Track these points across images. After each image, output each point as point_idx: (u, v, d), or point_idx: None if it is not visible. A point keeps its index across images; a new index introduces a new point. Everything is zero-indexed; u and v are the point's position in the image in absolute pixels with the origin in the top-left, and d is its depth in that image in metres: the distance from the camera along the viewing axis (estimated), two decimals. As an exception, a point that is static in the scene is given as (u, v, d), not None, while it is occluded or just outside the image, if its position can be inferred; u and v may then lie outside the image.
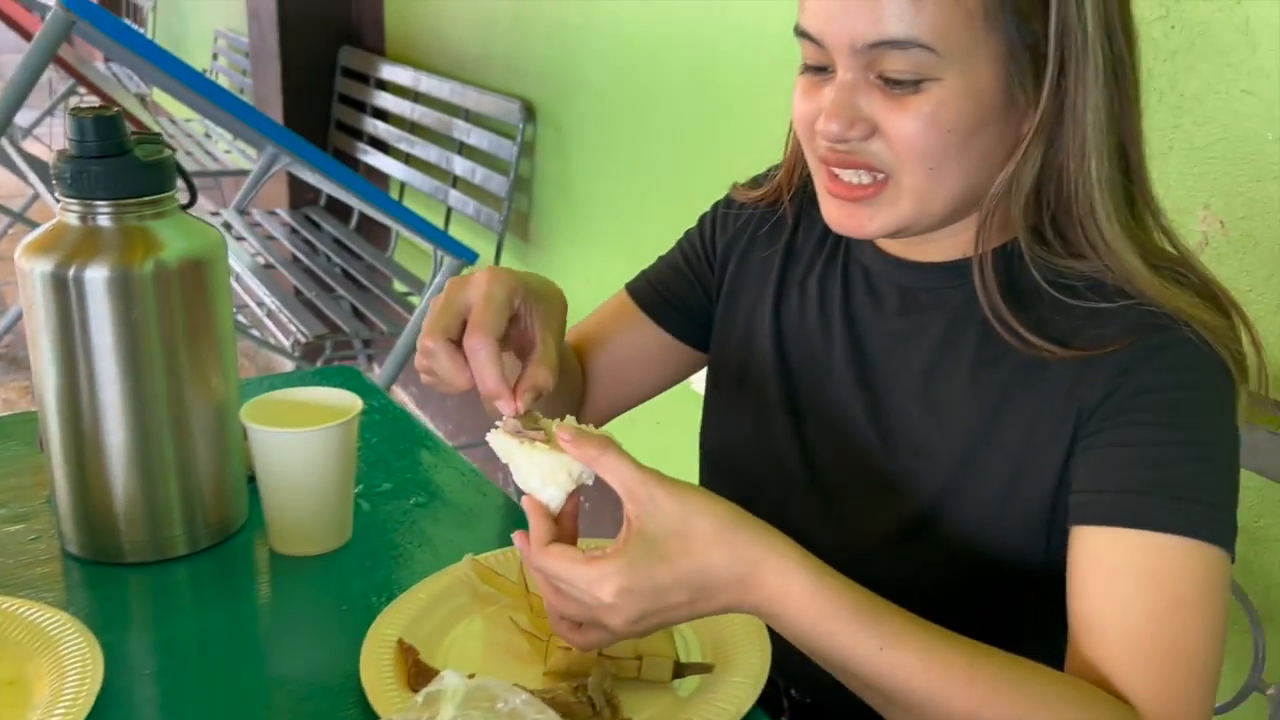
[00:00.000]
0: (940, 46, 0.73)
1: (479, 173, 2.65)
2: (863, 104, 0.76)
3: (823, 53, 0.77)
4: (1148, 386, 0.75)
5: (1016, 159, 0.77)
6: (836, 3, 0.75)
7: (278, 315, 2.54)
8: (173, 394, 0.88)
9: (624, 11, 2.17)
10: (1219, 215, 1.17)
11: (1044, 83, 0.75)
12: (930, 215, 0.79)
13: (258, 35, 3.58)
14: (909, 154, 0.76)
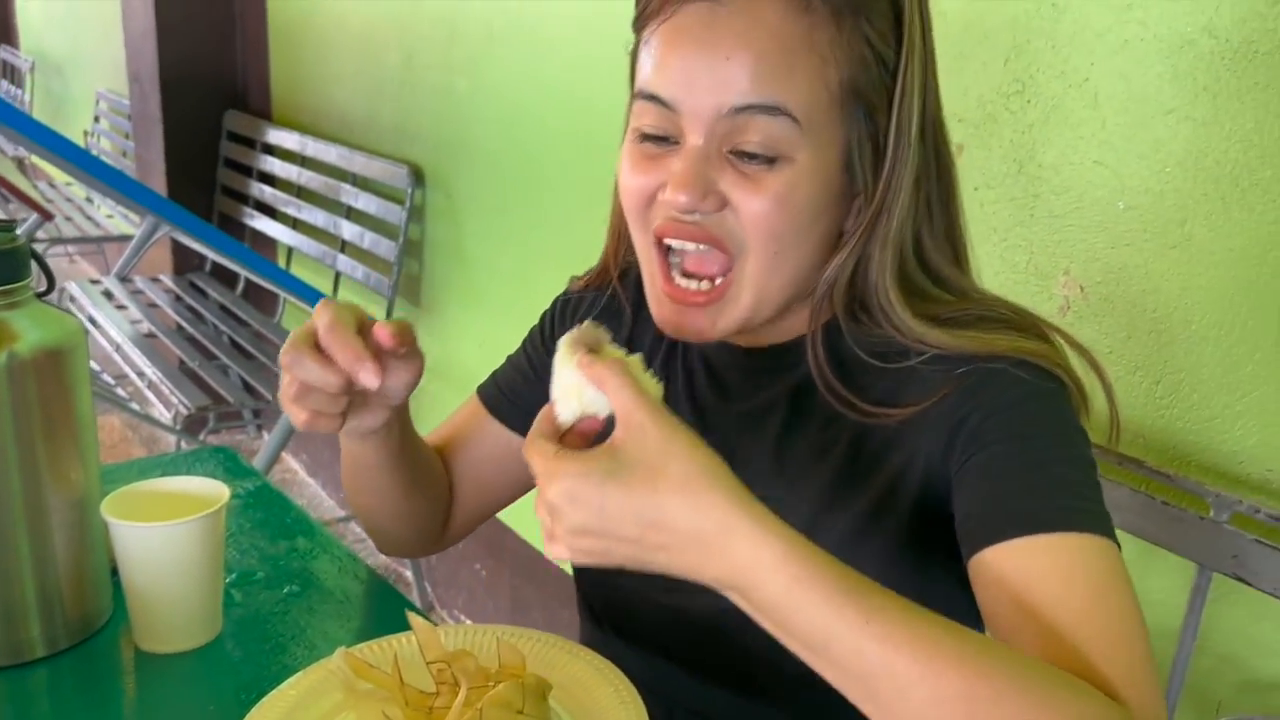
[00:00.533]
0: (804, 119, 0.73)
1: (368, 237, 2.63)
2: (715, 177, 0.74)
3: (670, 119, 0.75)
4: (986, 414, 0.75)
5: (850, 247, 0.78)
6: (701, 65, 0.73)
7: (159, 386, 2.47)
8: (28, 489, 0.85)
9: (511, 76, 2.18)
10: (1079, 280, 1.22)
11: (880, 176, 0.77)
12: (768, 305, 0.79)
13: (139, 98, 3.51)
14: (758, 233, 0.75)
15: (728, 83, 0.73)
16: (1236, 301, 1.08)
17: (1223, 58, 1.06)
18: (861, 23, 0.75)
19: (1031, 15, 1.22)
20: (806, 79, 0.73)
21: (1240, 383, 1.08)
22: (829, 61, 0.74)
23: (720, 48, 0.73)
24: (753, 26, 0.73)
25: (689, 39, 0.73)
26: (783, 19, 0.73)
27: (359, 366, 0.74)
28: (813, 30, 0.73)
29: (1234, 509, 1.04)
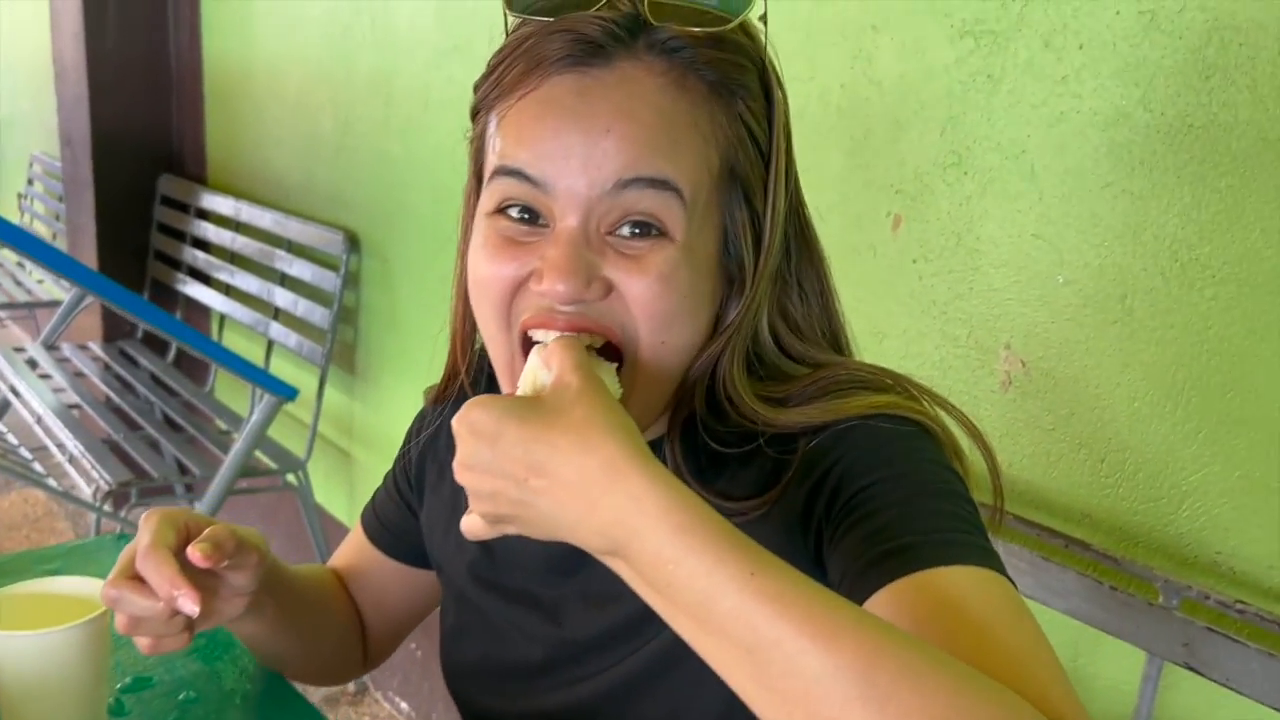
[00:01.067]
0: (689, 198, 0.69)
1: (301, 304, 2.56)
2: (596, 261, 0.68)
3: (538, 198, 0.68)
4: (843, 469, 0.69)
5: (726, 338, 0.74)
6: (577, 138, 0.66)
7: (80, 460, 2.37)
8: (-111, 596, 0.77)
9: (446, 142, 2.14)
10: (1020, 355, 1.19)
11: (757, 264, 0.73)
12: (657, 400, 0.73)
13: (70, 161, 3.43)
14: (647, 319, 0.68)
15: (608, 155, 0.67)
16: (1179, 378, 1.05)
17: (1159, 131, 1.05)
18: (736, 102, 0.71)
19: (967, 87, 1.20)
20: (689, 157, 0.69)
21: (1185, 462, 1.05)
22: (709, 140, 0.70)
23: (598, 120, 0.67)
24: (631, 99, 0.68)
25: (560, 111, 0.67)
26: (661, 95, 0.68)
27: (175, 596, 0.72)
28: (693, 107, 0.70)
29: (1183, 594, 1.00)
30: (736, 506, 0.72)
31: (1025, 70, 1.15)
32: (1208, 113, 1.01)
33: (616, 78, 0.68)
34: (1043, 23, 1.12)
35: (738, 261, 0.73)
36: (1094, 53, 1.09)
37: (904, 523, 0.65)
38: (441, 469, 0.92)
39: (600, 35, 0.68)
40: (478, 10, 1.98)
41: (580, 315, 0.68)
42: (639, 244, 0.68)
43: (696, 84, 0.70)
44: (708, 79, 0.70)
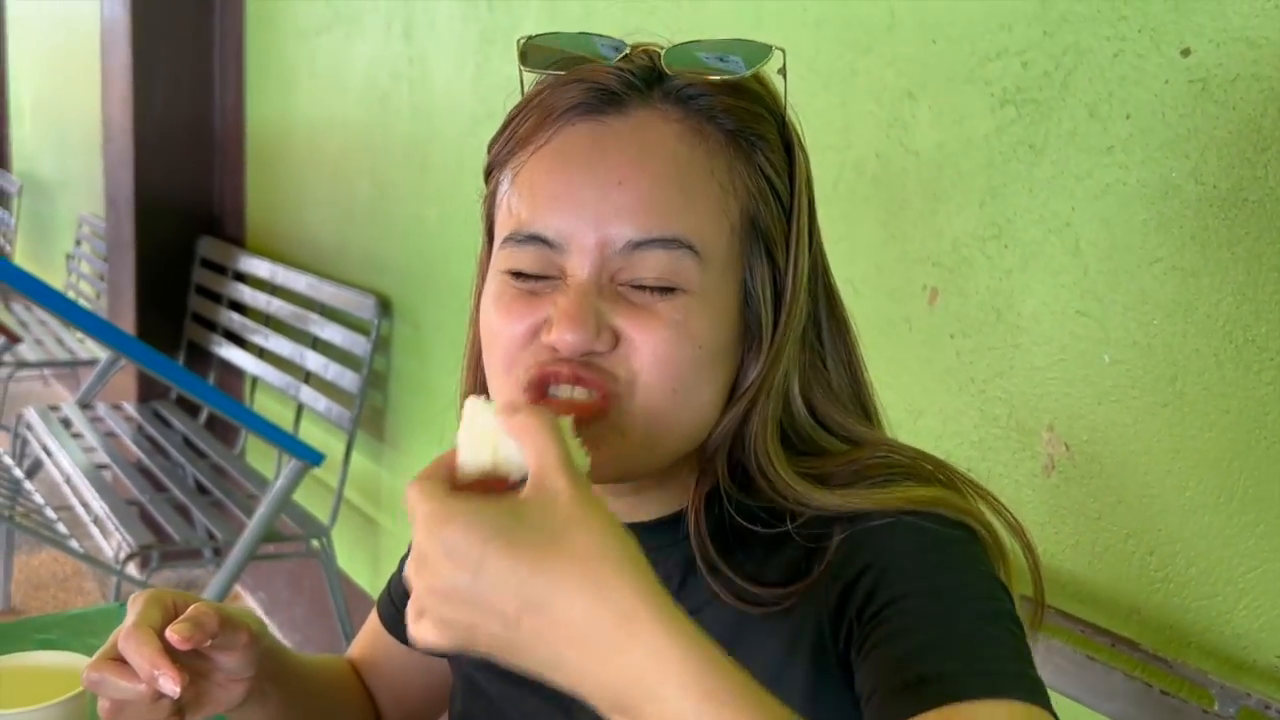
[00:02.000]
0: (703, 252, 0.66)
1: (332, 368, 2.55)
2: (607, 311, 0.65)
3: (551, 258, 0.67)
4: (880, 570, 0.64)
5: (749, 399, 0.70)
6: (589, 191, 0.65)
7: (104, 522, 2.35)
8: None
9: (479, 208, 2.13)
10: (1063, 437, 1.13)
11: (779, 322, 0.70)
12: (657, 453, 0.68)
13: (114, 222, 3.48)
14: (657, 366, 0.65)
15: (619, 211, 0.65)
16: (1235, 467, 0.99)
17: (1211, 205, 0.99)
18: (756, 153, 0.69)
19: (1008, 158, 1.16)
20: (706, 209, 0.67)
21: (1242, 557, 0.98)
22: (728, 191, 0.68)
23: (611, 171, 0.66)
24: (645, 150, 0.66)
25: (573, 163, 0.66)
26: (678, 143, 0.67)
27: (155, 676, 0.67)
28: (710, 156, 0.68)
29: (1241, 703, 0.93)
30: (765, 594, 0.67)
31: (1069, 140, 1.10)
32: (1264, 186, 0.96)
33: (631, 126, 0.67)
34: (1087, 91, 1.08)
35: (757, 318, 0.70)
36: (1142, 123, 1.04)
37: (944, 646, 0.60)
38: None
39: (616, 84, 0.67)
40: (511, 78, 1.98)
41: (586, 366, 0.65)
42: (649, 297, 0.66)
43: (714, 132, 0.68)
44: (726, 127, 0.68)
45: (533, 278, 0.67)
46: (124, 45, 3.25)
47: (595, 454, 0.61)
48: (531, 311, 0.67)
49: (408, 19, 2.33)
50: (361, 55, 2.54)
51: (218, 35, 3.29)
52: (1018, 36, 1.14)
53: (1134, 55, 1.04)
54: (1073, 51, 1.09)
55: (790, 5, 1.41)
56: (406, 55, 2.35)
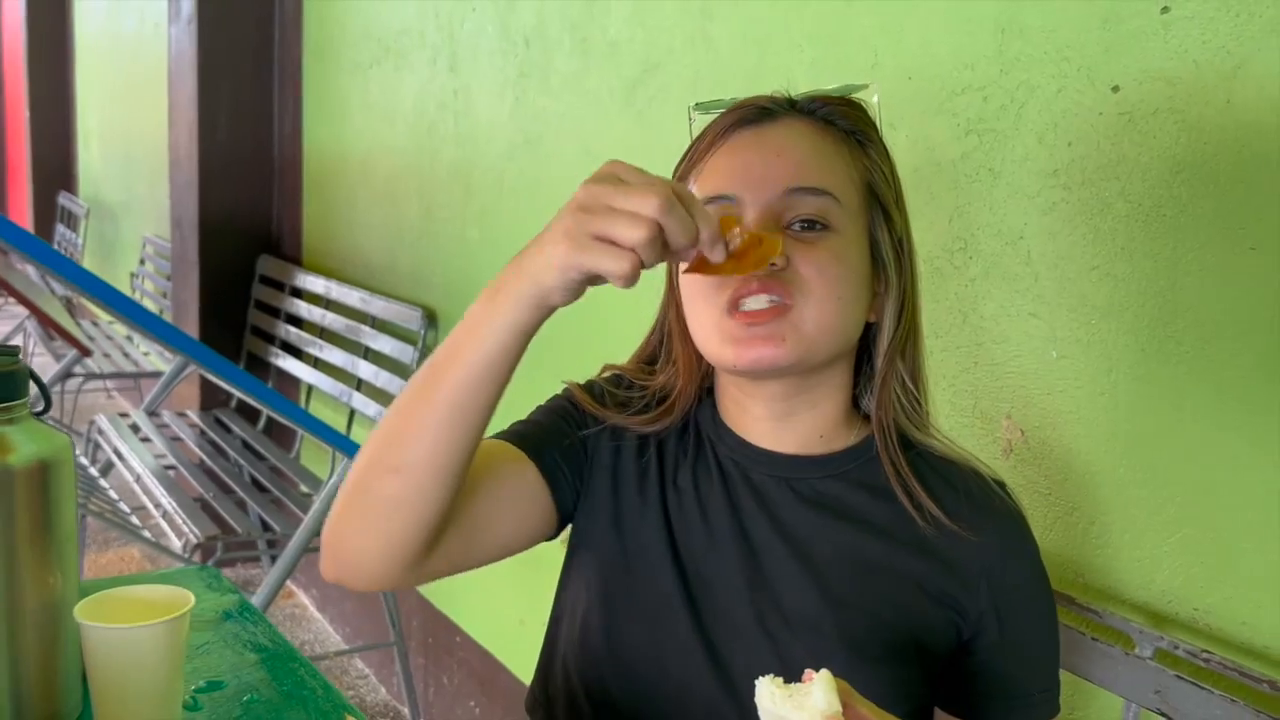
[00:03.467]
0: (841, 198, 0.90)
1: (382, 376, 2.74)
2: None
3: (733, 211, 0.89)
4: (1016, 580, 0.95)
5: (895, 342, 0.94)
6: (756, 161, 0.91)
7: (173, 517, 2.55)
8: (10, 594, 0.92)
9: (519, 227, 2.32)
10: (1019, 424, 1.28)
11: (903, 276, 0.95)
12: (820, 351, 0.90)
13: (179, 242, 3.71)
14: (821, 279, 0.88)
15: (781, 172, 0.90)
16: (1158, 446, 1.14)
17: (1137, 220, 1.15)
18: (869, 147, 0.95)
19: (972, 179, 1.32)
20: (838, 173, 0.92)
21: (1165, 524, 1.13)
22: (851, 165, 0.94)
23: (770, 149, 0.92)
24: (792, 137, 0.93)
25: (743, 148, 0.92)
26: (813, 133, 0.94)
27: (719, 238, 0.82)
28: (836, 143, 0.94)
29: (1156, 645, 1.08)
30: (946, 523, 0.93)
31: (1022, 165, 1.26)
32: (1179, 203, 1.11)
33: (780, 126, 0.94)
34: (1036, 122, 1.24)
35: (884, 264, 0.94)
36: (1081, 149, 1.20)
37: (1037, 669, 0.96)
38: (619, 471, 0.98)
39: (766, 108, 0.95)
40: (547, 108, 2.17)
41: (770, 278, 0.87)
42: (811, 234, 0.89)
43: (836, 130, 0.95)
44: (844, 127, 0.95)
45: None
46: (191, 78, 3.49)
47: (780, 345, 0.86)
48: None
49: (452, 54, 2.53)
50: (410, 87, 2.74)
51: (277, 68, 3.52)
52: (979, 74, 1.31)
53: (1074, 91, 1.20)
54: (1024, 87, 1.26)
55: (789, 47, 1.58)
56: (451, 87, 2.54)
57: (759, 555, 0.94)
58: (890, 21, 1.41)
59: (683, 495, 0.97)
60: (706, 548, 0.95)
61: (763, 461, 0.97)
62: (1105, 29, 1.16)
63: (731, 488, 0.97)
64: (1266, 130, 1.03)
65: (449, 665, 2.67)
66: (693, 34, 1.77)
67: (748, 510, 0.95)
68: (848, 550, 0.92)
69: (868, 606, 0.91)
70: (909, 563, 0.91)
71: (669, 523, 0.96)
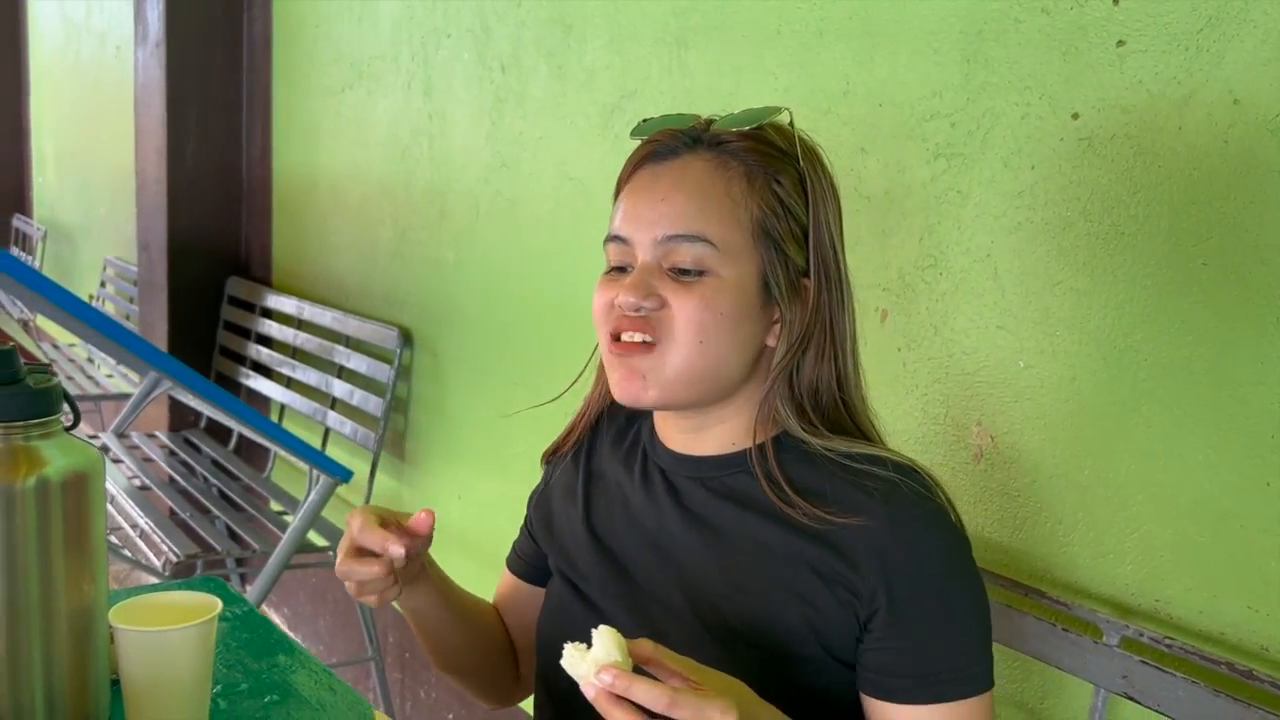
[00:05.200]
0: (719, 245, 0.96)
1: (357, 394, 2.78)
2: (656, 284, 0.97)
3: (627, 252, 0.99)
4: (908, 561, 0.94)
5: (782, 363, 0.99)
6: (644, 207, 0.98)
7: (150, 536, 2.57)
8: (45, 599, 0.96)
9: (494, 250, 2.38)
10: (989, 430, 1.36)
11: (807, 301, 0.99)
12: (692, 389, 0.98)
13: (146, 265, 3.72)
14: (687, 324, 0.96)
15: (662, 218, 0.97)
16: (1119, 450, 1.22)
17: (1097, 238, 1.23)
18: (771, 181, 0.98)
19: (941, 200, 1.40)
20: (719, 216, 0.97)
21: (1128, 522, 1.21)
22: (740, 205, 0.98)
23: (658, 193, 0.99)
24: (684, 181, 0.99)
25: (639, 190, 1.00)
26: (704, 174, 0.99)
27: (388, 548, 0.96)
28: (729, 183, 0.98)
29: (1123, 633, 1.15)
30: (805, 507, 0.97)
31: (988, 186, 1.35)
32: (1136, 222, 1.20)
33: (677, 165, 0.99)
34: (1001, 147, 1.33)
35: (776, 296, 0.99)
36: (1044, 171, 1.29)
37: (938, 650, 0.94)
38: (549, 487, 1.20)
39: (669, 141, 1.01)
40: (524, 132, 2.23)
41: (642, 319, 0.96)
42: (686, 279, 0.96)
43: (736, 165, 0.98)
44: (745, 162, 0.99)
45: (617, 268, 1.01)
46: (159, 100, 3.51)
47: (644, 386, 0.96)
48: (613, 289, 0.99)
49: (427, 79, 2.59)
50: (384, 111, 2.79)
51: (246, 91, 3.55)
52: (947, 101, 1.39)
53: (1036, 118, 1.29)
54: (990, 114, 1.34)
55: (763, 75, 1.66)
56: (426, 112, 2.60)
57: (669, 538, 1.05)
58: (861, 51, 1.49)
59: (607, 487, 1.12)
60: (623, 529, 1.09)
61: (682, 464, 1.06)
62: (1065, 60, 1.25)
63: (651, 484, 1.08)
64: (1214, 154, 1.12)
65: (426, 679, 2.70)
66: (669, 62, 1.85)
67: (664, 503, 1.06)
68: (750, 537, 1.00)
69: (764, 588, 0.98)
70: (804, 548, 0.97)
71: (588, 508, 1.12)
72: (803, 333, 0.99)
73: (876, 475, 0.97)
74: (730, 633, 0.98)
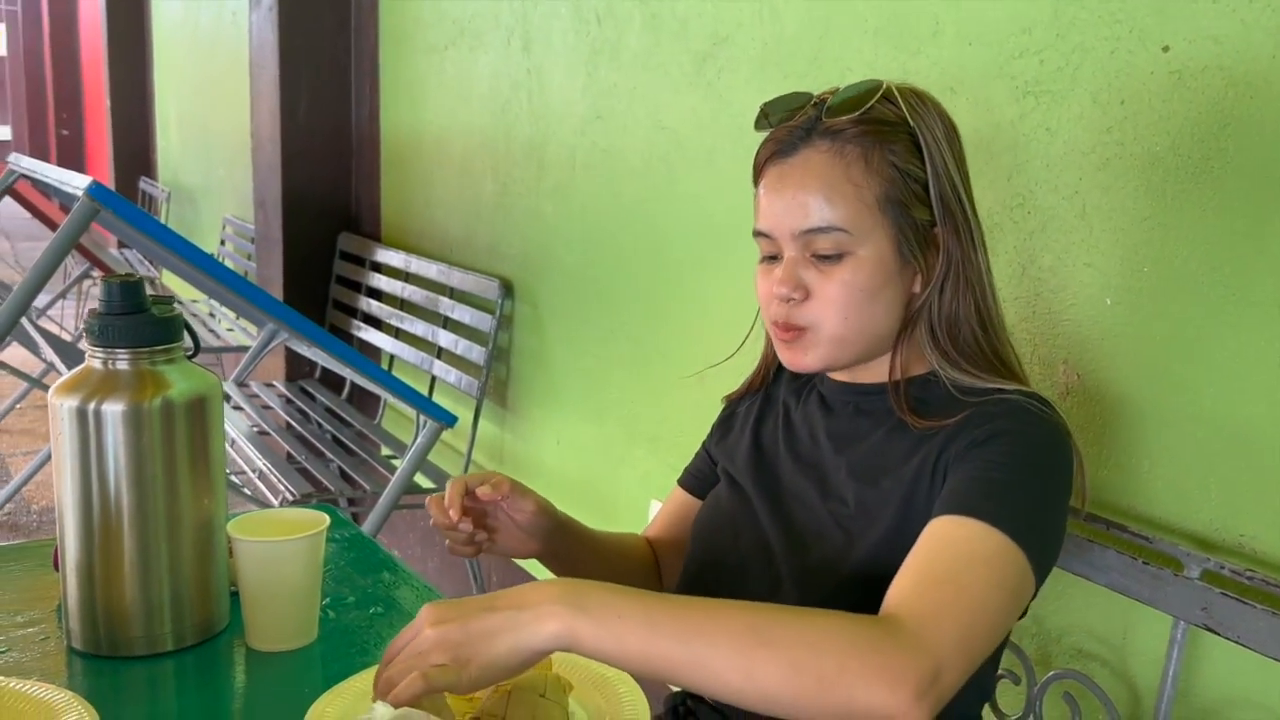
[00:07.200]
0: (851, 229, 1.05)
1: (461, 344, 2.87)
2: (802, 275, 1.07)
3: (773, 244, 1.09)
4: (992, 432, 1.02)
5: (920, 308, 1.08)
6: (780, 207, 1.08)
7: (268, 476, 2.71)
8: (170, 511, 1.05)
9: (591, 201, 2.43)
10: (1076, 369, 1.36)
11: (937, 252, 1.08)
12: (846, 352, 1.10)
13: (263, 222, 3.87)
14: (831, 305, 1.07)
15: (796, 215, 1.07)
16: (1204, 386, 1.21)
17: (1185, 172, 1.22)
18: (886, 154, 1.06)
19: (1030, 139, 1.40)
20: (845, 202, 1.06)
21: (1212, 458, 1.21)
22: (863, 186, 1.06)
23: (787, 193, 1.08)
24: (805, 174, 1.07)
25: (772, 189, 1.09)
26: (824, 165, 1.07)
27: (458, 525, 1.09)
28: (848, 169, 1.06)
29: (1204, 566, 1.16)
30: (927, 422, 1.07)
31: (1077, 123, 1.34)
32: (1225, 156, 1.18)
33: (799, 161, 1.07)
34: (1091, 82, 1.32)
35: (912, 256, 1.08)
36: (1133, 107, 1.28)
37: (985, 489, 0.97)
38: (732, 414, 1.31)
39: (788, 138, 1.09)
40: (618, 83, 2.27)
41: (787, 317, 1.09)
42: (826, 265, 1.07)
43: (853, 150, 1.06)
44: (861, 144, 1.06)
45: (770, 259, 1.11)
46: (272, 63, 3.64)
47: (806, 355, 1.09)
48: (770, 280, 1.10)
49: (526, 34, 2.64)
50: (485, 67, 2.86)
51: (354, 52, 3.66)
52: (1036, 38, 1.38)
53: (1126, 52, 1.28)
54: (1079, 50, 1.33)
55: (852, 18, 1.66)
56: (525, 66, 2.65)
57: (815, 444, 1.17)
58: (951, -9, 1.49)
59: (777, 408, 1.24)
60: (782, 437, 1.21)
61: (841, 391, 1.18)
62: (1155, -7, 1.23)
63: (810, 405, 1.21)
64: (1308, 84, 1.10)
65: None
66: (759, 8, 1.86)
67: (816, 418, 1.19)
68: (879, 443, 1.11)
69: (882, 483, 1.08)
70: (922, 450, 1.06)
71: (759, 423, 1.25)
72: (937, 278, 1.08)
73: (990, 396, 1.06)
74: (849, 519, 1.09)
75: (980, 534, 0.93)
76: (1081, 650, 1.36)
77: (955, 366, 1.08)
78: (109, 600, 1.05)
